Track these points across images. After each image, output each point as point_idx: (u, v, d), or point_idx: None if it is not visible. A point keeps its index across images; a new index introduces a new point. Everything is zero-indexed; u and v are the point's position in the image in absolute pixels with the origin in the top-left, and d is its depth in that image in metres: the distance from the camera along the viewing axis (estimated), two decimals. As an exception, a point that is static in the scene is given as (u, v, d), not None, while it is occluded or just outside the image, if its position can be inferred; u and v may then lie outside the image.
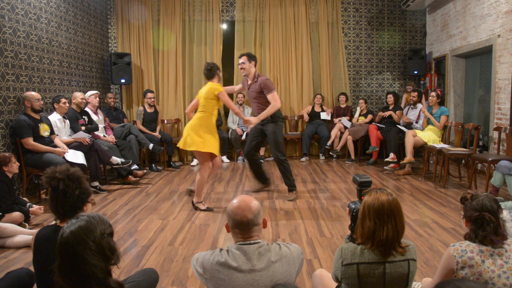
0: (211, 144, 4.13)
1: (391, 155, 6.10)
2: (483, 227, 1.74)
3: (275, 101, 4.43)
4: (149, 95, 6.69)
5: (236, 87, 5.11)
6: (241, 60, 4.52)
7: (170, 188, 5.24)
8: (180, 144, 4.17)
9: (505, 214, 2.66)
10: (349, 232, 2.04)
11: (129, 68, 6.98)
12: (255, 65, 4.55)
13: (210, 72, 4.24)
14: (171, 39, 7.38)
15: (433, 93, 5.88)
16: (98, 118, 5.79)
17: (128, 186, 5.40)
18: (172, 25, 7.39)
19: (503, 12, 5.25)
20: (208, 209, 4.21)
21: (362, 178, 2.09)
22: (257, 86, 4.49)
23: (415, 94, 6.33)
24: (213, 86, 4.12)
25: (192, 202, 4.32)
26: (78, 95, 5.29)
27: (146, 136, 6.22)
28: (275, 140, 4.56)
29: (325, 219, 3.91)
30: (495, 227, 1.72)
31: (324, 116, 7.41)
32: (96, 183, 5.01)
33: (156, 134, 6.56)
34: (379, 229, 1.66)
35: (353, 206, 1.97)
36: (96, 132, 5.49)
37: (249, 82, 4.59)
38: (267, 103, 4.48)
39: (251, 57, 4.52)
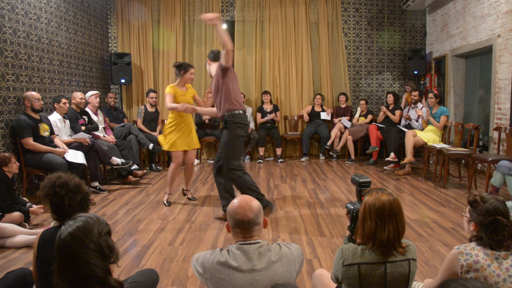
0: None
1: (392, 155, 6.10)
2: (496, 232, 1.67)
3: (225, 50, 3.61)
4: (152, 94, 6.72)
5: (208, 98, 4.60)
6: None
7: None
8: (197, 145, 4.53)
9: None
10: (348, 233, 2.04)
11: (129, 68, 6.98)
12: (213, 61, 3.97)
13: (176, 69, 4.31)
14: (171, 39, 7.38)
15: (431, 94, 5.88)
16: (98, 118, 5.79)
17: (128, 186, 5.39)
18: (172, 25, 7.39)
19: (503, 12, 5.25)
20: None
21: (361, 178, 2.09)
22: (215, 68, 3.77)
23: (416, 93, 6.33)
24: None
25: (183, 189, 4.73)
26: (77, 95, 5.28)
27: (145, 135, 6.23)
28: (224, 151, 3.78)
29: (325, 219, 3.91)
30: (509, 231, 1.66)
31: (324, 116, 7.41)
32: (96, 183, 5.01)
33: (156, 134, 6.56)
34: (380, 229, 1.65)
35: (352, 207, 1.96)
36: (96, 132, 5.49)
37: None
38: (226, 94, 3.72)
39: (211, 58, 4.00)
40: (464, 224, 1.85)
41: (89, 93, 5.80)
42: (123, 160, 5.28)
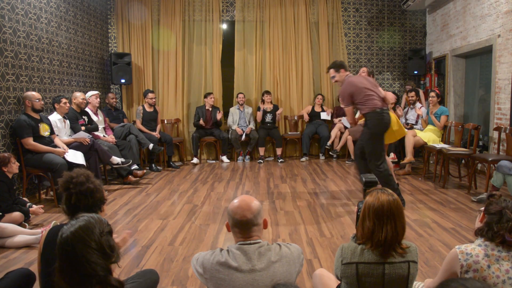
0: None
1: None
2: (500, 222, 1.65)
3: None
4: (150, 95, 6.72)
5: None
6: (331, 74, 4.57)
7: (170, 188, 5.25)
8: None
9: None
10: (355, 231, 2.04)
11: (129, 68, 6.98)
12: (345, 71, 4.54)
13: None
14: (171, 39, 7.37)
15: (432, 93, 5.89)
16: (98, 118, 5.79)
17: (128, 186, 5.39)
18: (172, 25, 7.39)
19: (503, 12, 5.25)
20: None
21: (367, 178, 2.09)
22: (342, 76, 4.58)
23: (413, 93, 6.32)
24: None
25: None
26: (78, 95, 5.29)
27: (145, 135, 6.23)
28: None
29: (325, 219, 3.91)
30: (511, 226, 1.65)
31: (324, 116, 7.41)
32: (96, 183, 5.00)
33: (155, 133, 6.56)
34: (378, 229, 1.65)
35: (361, 206, 1.97)
36: (96, 132, 5.49)
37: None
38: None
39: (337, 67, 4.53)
40: (476, 223, 1.83)
41: (89, 93, 5.80)
42: (123, 160, 5.29)
